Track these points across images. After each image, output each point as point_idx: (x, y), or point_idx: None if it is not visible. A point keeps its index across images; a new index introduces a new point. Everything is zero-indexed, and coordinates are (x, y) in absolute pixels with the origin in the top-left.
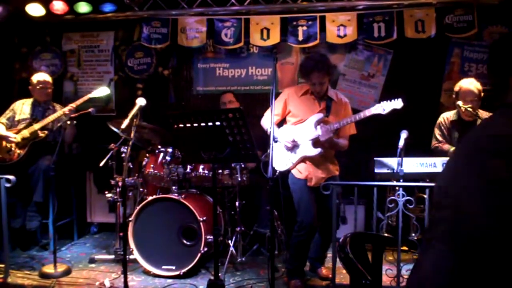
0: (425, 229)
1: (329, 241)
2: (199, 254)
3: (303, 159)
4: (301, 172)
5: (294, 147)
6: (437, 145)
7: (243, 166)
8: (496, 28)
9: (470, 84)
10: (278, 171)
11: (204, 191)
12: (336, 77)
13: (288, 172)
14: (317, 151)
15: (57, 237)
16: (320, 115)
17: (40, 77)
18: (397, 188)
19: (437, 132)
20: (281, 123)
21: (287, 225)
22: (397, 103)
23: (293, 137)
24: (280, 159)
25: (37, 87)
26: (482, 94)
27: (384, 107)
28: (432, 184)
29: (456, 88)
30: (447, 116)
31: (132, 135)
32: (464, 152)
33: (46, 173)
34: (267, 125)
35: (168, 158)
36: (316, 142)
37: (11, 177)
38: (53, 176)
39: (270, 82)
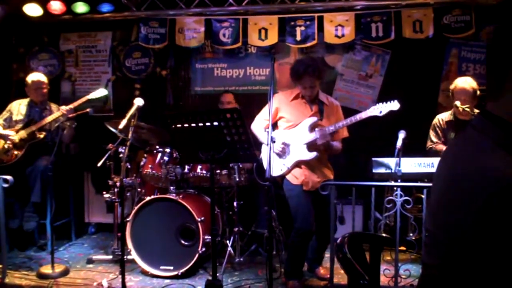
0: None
1: (325, 244)
2: (197, 254)
3: (298, 163)
4: (297, 177)
5: (285, 152)
6: (431, 146)
7: (241, 166)
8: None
9: (464, 82)
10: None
11: (202, 191)
12: (333, 77)
13: (282, 177)
14: (312, 154)
15: (54, 237)
16: (314, 119)
17: (35, 77)
18: (395, 188)
19: (431, 133)
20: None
21: (284, 225)
22: (394, 105)
23: (284, 141)
24: (274, 164)
25: (32, 87)
26: (479, 93)
27: (381, 109)
28: (430, 184)
29: (452, 86)
30: (442, 117)
31: (130, 135)
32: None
33: (43, 173)
34: (257, 130)
35: (166, 158)
36: (311, 146)
37: (8, 177)
38: (51, 177)
39: (268, 82)
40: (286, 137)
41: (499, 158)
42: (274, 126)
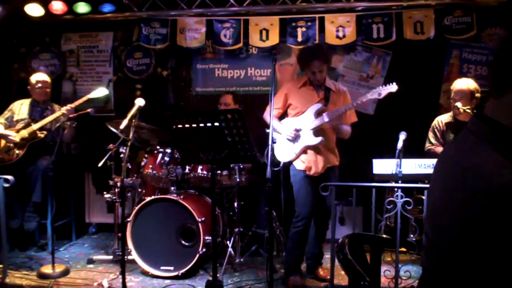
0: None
1: (324, 231)
2: (197, 255)
3: (306, 149)
4: (303, 162)
5: (296, 137)
6: (430, 147)
7: (241, 166)
8: (495, 30)
9: (461, 83)
10: (281, 163)
11: (203, 192)
12: (335, 78)
13: (290, 163)
14: (318, 139)
15: (55, 237)
16: (319, 105)
17: (39, 77)
18: (395, 189)
19: (430, 135)
20: (282, 117)
21: (285, 226)
22: (392, 87)
23: (295, 127)
24: (284, 151)
25: (36, 87)
26: (479, 94)
27: (380, 92)
28: None
29: (451, 87)
30: (441, 119)
31: (131, 135)
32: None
33: (44, 173)
34: (269, 119)
35: (166, 158)
36: (317, 131)
37: (9, 177)
38: (52, 177)
39: (269, 83)
40: (294, 124)
41: (497, 163)
42: (285, 114)
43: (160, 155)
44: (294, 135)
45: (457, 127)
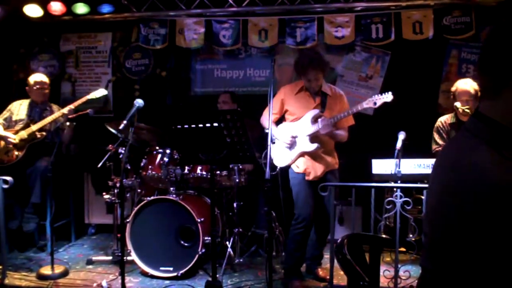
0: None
1: (325, 235)
2: (196, 255)
3: (302, 154)
4: (298, 166)
5: (293, 143)
6: (437, 149)
7: (241, 167)
8: None
9: (465, 84)
10: (278, 168)
11: (202, 192)
12: (334, 78)
13: (288, 168)
14: (314, 146)
15: (54, 238)
16: (316, 111)
17: (37, 77)
18: (394, 189)
19: (436, 136)
20: (279, 121)
21: (284, 226)
22: (387, 97)
23: (292, 134)
24: (281, 156)
25: (34, 87)
26: (480, 94)
27: (376, 101)
28: None
29: (453, 88)
30: (444, 119)
31: (130, 136)
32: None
33: (43, 174)
34: (266, 123)
35: (166, 159)
36: (313, 138)
37: (8, 178)
38: (51, 177)
39: (268, 83)
40: (292, 130)
41: (494, 162)
42: (282, 119)
43: (159, 155)
44: (290, 142)
45: (460, 127)
